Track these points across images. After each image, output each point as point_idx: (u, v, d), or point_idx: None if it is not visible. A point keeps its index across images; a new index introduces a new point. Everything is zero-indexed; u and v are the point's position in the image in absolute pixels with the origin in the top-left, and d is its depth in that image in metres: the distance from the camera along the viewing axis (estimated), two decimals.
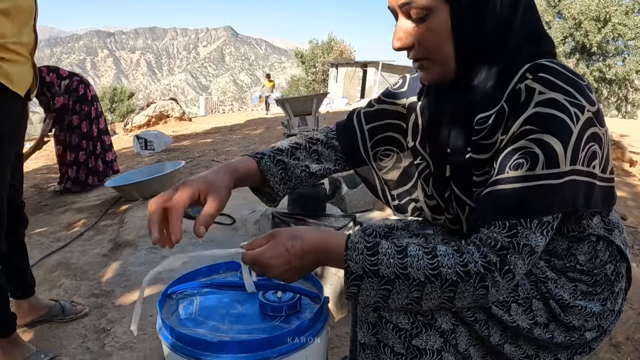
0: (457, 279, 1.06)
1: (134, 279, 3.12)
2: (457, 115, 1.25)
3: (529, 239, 1.05)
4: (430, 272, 1.06)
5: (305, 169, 1.47)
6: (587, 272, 1.23)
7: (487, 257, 1.06)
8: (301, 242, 1.13)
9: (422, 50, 1.18)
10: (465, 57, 1.16)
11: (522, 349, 1.22)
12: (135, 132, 12.68)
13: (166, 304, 1.35)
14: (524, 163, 1.05)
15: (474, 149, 1.20)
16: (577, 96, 1.04)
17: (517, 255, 1.05)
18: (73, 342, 2.50)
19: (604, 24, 27.65)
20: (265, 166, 1.40)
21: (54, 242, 4.21)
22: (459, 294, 1.07)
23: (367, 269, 1.08)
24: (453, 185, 1.29)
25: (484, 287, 1.06)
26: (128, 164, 8.45)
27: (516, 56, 1.14)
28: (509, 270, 1.06)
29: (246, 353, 1.10)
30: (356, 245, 1.11)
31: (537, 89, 1.06)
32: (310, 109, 8.82)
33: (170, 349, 1.16)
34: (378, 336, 1.21)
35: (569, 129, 1.03)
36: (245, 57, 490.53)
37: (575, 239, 1.23)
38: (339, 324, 2.52)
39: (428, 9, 1.11)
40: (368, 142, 1.53)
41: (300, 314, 1.27)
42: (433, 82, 1.25)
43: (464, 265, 1.06)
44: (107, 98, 36.60)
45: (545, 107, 1.04)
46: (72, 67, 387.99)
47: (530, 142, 1.05)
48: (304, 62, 45.25)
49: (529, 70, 1.10)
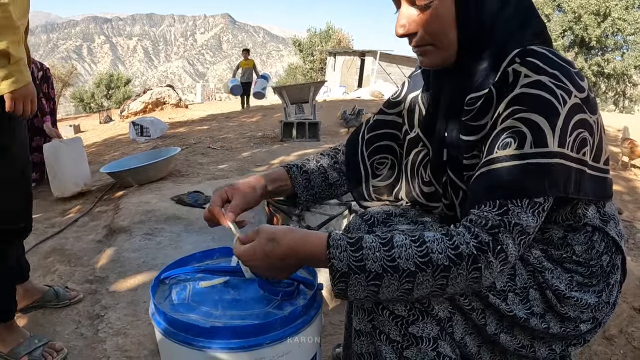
0: (449, 264, 1.03)
1: (129, 265, 3.11)
2: (453, 99, 1.27)
3: (520, 218, 1.04)
4: (420, 260, 1.04)
5: (325, 180, 1.58)
6: (583, 263, 1.24)
7: (478, 237, 1.04)
8: (278, 247, 1.13)
9: (426, 36, 1.19)
10: (467, 42, 1.18)
11: (517, 339, 1.22)
12: (132, 118, 12.67)
13: (159, 289, 1.34)
14: (511, 142, 1.06)
15: (463, 130, 1.21)
16: (563, 80, 1.06)
17: (507, 234, 1.04)
18: (67, 328, 2.49)
19: (603, 19, 27.60)
20: (293, 175, 1.54)
21: (48, 228, 4.19)
22: (452, 280, 1.05)
23: (353, 266, 1.06)
24: (448, 170, 1.29)
25: (476, 269, 1.04)
26: (124, 151, 8.42)
27: (507, 41, 1.16)
28: (501, 250, 1.04)
29: (239, 339, 1.09)
30: (338, 243, 1.09)
31: (522, 72, 1.08)
32: (307, 97, 8.80)
33: (162, 334, 1.16)
34: (374, 323, 1.21)
35: (555, 109, 1.04)
36: (242, 44, 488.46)
37: (571, 228, 1.24)
38: (333, 312, 2.51)
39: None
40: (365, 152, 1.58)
41: (294, 301, 1.26)
42: (434, 66, 1.26)
43: (455, 247, 1.04)
44: (104, 84, 36.46)
45: (531, 88, 1.05)
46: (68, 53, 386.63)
47: (516, 121, 1.06)
48: (301, 51, 45.12)
49: (518, 54, 1.11)
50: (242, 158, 6.76)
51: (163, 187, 5.03)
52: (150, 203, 4.33)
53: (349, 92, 26.28)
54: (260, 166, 6.13)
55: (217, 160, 6.66)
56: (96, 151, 8.98)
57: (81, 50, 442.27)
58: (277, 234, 1.14)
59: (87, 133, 13.18)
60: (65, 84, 38.26)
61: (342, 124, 10.14)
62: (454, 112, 1.26)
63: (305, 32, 47.15)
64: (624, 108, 29.54)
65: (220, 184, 4.76)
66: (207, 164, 6.42)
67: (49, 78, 5.74)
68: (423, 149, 1.43)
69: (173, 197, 4.41)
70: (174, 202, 4.29)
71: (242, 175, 5.57)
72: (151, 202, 4.37)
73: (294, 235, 1.14)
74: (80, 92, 37.30)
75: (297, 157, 6.31)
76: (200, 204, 4.18)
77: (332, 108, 13.03)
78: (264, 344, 1.11)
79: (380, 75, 29.82)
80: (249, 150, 7.36)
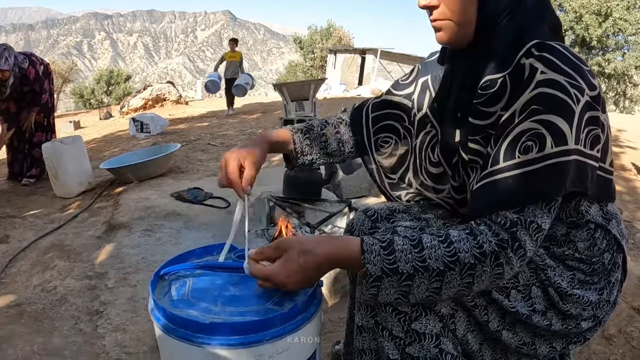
0: (475, 262, 1.07)
1: (128, 261, 3.12)
2: (467, 80, 1.28)
3: (536, 215, 1.08)
4: (449, 260, 1.07)
5: (324, 149, 1.60)
6: (585, 260, 1.24)
7: (499, 235, 1.08)
8: (314, 257, 1.13)
9: (446, 10, 1.21)
10: (485, 22, 1.19)
11: (519, 336, 1.22)
12: (132, 114, 12.66)
13: (158, 285, 1.34)
14: (532, 146, 1.07)
15: (474, 112, 1.23)
16: (577, 78, 1.07)
17: (525, 231, 1.08)
18: (66, 324, 2.49)
19: (604, 19, 27.52)
20: (297, 139, 1.56)
21: (48, 223, 4.20)
22: (477, 277, 1.08)
23: (386, 269, 1.09)
24: (461, 151, 1.29)
25: (499, 265, 1.08)
26: (124, 147, 8.42)
27: (525, 30, 1.17)
28: (519, 247, 1.08)
29: (238, 335, 1.09)
30: (372, 247, 1.11)
31: (539, 68, 1.09)
32: (307, 94, 8.79)
33: (162, 330, 1.15)
34: (377, 319, 1.22)
35: (571, 109, 1.06)
36: (243, 41, 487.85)
37: (574, 224, 1.25)
38: (332, 309, 2.51)
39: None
40: (371, 128, 1.59)
41: (294, 297, 1.26)
42: (449, 43, 1.27)
43: (479, 246, 1.07)
44: (104, 81, 36.38)
45: (547, 87, 1.06)
46: (68, 49, 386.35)
47: (535, 123, 1.07)
48: (302, 48, 45.00)
49: (535, 46, 1.12)
50: None
51: (163, 183, 5.03)
52: (150, 199, 4.33)
53: (350, 89, 26.28)
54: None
55: (217, 157, 6.65)
56: (96, 147, 8.98)
57: (81, 46, 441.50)
58: (310, 244, 1.15)
59: (87, 129, 13.17)
60: (66, 80, 38.21)
61: None
62: (466, 94, 1.28)
63: (306, 30, 47.04)
64: (624, 108, 29.47)
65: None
66: (207, 161, 6.42)
67: (50, 74, 5.74)
68: (432, 130, 1.44)
69: (173, 193, 4.42)
70: (174, 199, 4.29)
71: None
72: (151, 198, 4.38)
73: (326, 244, 1.15)
74: (80, 88, 37.22)
75: None
76: (200, 201, 4.18)
77: (332, 106, 13.03)
78: (264, 341, 1.10)
79: (380, 73, 29.82)
80: None
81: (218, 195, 4.30)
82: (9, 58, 5.09)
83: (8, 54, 5.09)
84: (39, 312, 2.61)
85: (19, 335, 2.38)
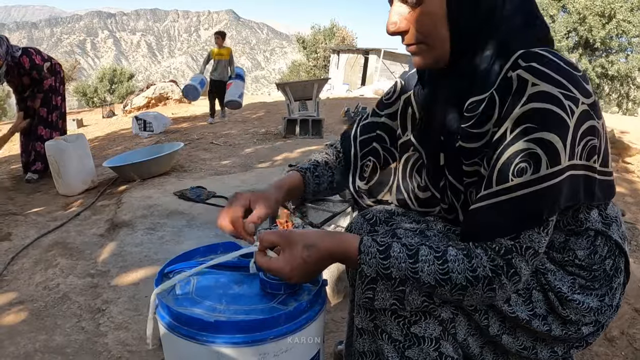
0: (467, 284, 1.08)
1: (130, 259, 3.12)
2: (450, 101, 1.24)
3: (533, 241, 1.06)
4: (441, 277, 1.08)
5: (331, 183, 1.60)
6: (585, 267, 1.22)
7: (494, 261, 1.07)
8: (317, 251, 1.15)
9: (417, 34, 1.17)
10: (460, 41, 1.15)
11: (519, 340, 1.22)
12: (135, 113, 12.67)
13: (162, 283, 1.34)
14: (527, 167, 1.03)
15: (463, 136, 1.18)
16: (571, 89, 1.02)
17: (520, 257, 1.07)
18: (68, 322, 2.49)
19: (608, 20, 27.45)
20: (307, 180, 1.53)
21: (50, 221, 4.20)
22: (468, 296, 1.10)
23: (381, 273, 1.11)
24: (447, 174, 1.27)
25: (491, 289, 1.08)
26: (126, 145, 8.42)
27: (508, 42, 1.12)
28: (515, 273, 1.07)
29: (243, 334, 1.09)
30: (369, 249, 1.13)
31: (529, 80, 1.03)
32: (310, 94, 8.80)
33: (166, 328, 1.15)
34: (376, 322, 1.22)
35: (565, 123, 1.00)
36: (246, 41, 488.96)
37: (572, 232, 1.22)
38: (335, 309, 2.51)
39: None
40: (358, 154, 1.56)
41: (298, 296, 1.26)
42: (427, 66, 1.23)
43: (473, 270, 1.07)
44: (107, 79, 36.50)
45: (540, 101, 1.01)
46: (72, 48, 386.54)
47: (530, 143, 1.02)
48: (305, 48, 45.04)
49: (521, 57, 1.08)
50: (245, 154, 6.76)
51: (166, 182, 5.04)
52: (153, 198, 4.34)
53: (352, 89, 26.26)
54: (263, 162, 6.13)
55: (220, 156, 6.66)
56: (99, 145, 8.98)
57: (85, 44, 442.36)
58: (313, 238, 1.16)
59: (89, 127, 13.18)
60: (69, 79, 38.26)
61: (345, 121, 10.16)
62: (451, 116, 1.24)
63: (309, 29, 47.09)
64: (627, 110, 29.42)
65: (225, 180, 4.73)
66: (210, 160, 6.42)
67: (58, 73, 5.79)
68: (414, 153, 1.40)
69: (176, 192, 4.42)
70: (177, 197, 4.30)
71: (245, 172, 5.57)
72: (153, 196, 4.38)
73: (331, 238, 1.18)
74: (83, 87, 37.35)
75: (300, 154, 6.32)
76: (203, 199, 4.18)
77: (335, 105, 13.03)
78: (268, 339, 1.10)
79: (383, 74, 29.82)
80: (252, 147, 7.37)
81: (221, 195, 4.30)
82: (1, 46, 5.13)
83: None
84: (41, 309, 2.61)
85: (20, 333, 2.38)
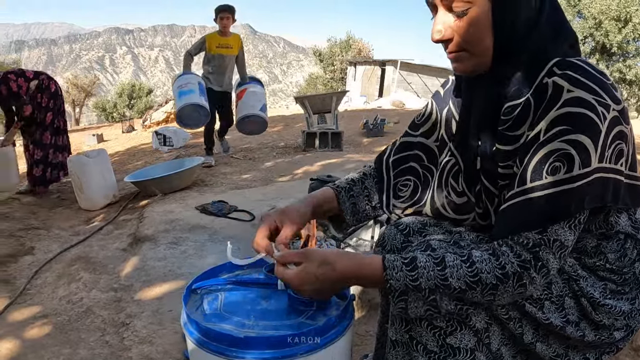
0: (497, 282, 1.09)
1: (154, 273, 3.12)
2: (487, 107, 1.27)
3: (559, 234, 1.08)
4: (471, 280, 1.10)
5: (369, 202, 1.56)
6: (616, 271, 1.24)
7: (521, 257, 1.09)
8: (331, 270, 1.16)
9: (461, 42, 1.19)
10: (503, 48, 1.18)
11: (552, 348, 1.22)
12: (154, 128, 12.78)
13: (190, 298, 1.34)
14: (561, 167, 1.06)
15: (500, 139, 1.22)
16: (603, 95, 1.07)
17: (548, 250, 1.09)
18: (92, 336, 2.50)
19: (624, 24, 27.30)
20: (342, 199, 1.52)
21: (73, 235, 4.24)
22: (499, 295, 1.11)
23: (410, 285, 1.12)
24: (483, 178, 1.29)
25: (521, 285, 1.10)
26: (147, 160, 8.49)
27: (543, 50, 1.16)
28: (542, 266, 1.09)
29: (272, 349, 1.09)
30: (394, 264, 1.13)
31: (565, 86, 1.07)
32: (329, 106, 8.80)
33: (195, 344, 1.15)
34: (411, 333, 1.21)
35: (597, 127, 1.05)
36: (263, 54, 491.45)
37: (604, 236, 1.24)
38: (359, 322, 2.50)
39: (471, 2, 1.13)
40: (391, 174, 1.57)
41: (326, 311, 1.26)
42: (466, 73, 1.26)
43: (502, 267, 1.09)
44: (126, 94, 36.89)
45: (575, 106, 1.05)
46: (91, 64, 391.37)
47: (564, 144, 1.06)
48: (322, 60, 45.18)
49: (556, 65, 1.12)
50: (266, 168, 6.77)
51: (187, 196, 5.06)
52: (175, 212, 4.35)
53: (370, 101, 26.27)
54: (283, 176, 6.13)
55: (240, 170, 6.68)
56: (119, 160, 9.06)
57: (103, 60, 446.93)
58: (330, 258, 1.17)
59: (109, 142, 13.30)
60: (88, 94, 38.77)
61: (364, 133, 10.13)
62: (487, 121, 1.26)
63: (326, 42, 47.27)
64: None
65: (246, 194, 4.74)
66: (231, 174, 6.44)
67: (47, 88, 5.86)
68: (451, 158, 1.42)
69: (197, 206, 4.43)
70: (198, 212, 4.31)
71: (265, 185, 5.58)
72: (175, 211, 4.40)
73: (348, 261, 1.18)
74: (102, 102, 37.81)
75: (321, 167, 6.31)
76: (225, 214, 4.19)
77: (353, 118, 13.01)
78: (298, 355, 1.10)
79: (400, 85, 29.84)
80: (271, 160, 7.37)
81: (242, 209, 4.31)
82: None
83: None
84: (65, 323, 2.63)
85: (45, 347, 2.40)
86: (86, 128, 21.47)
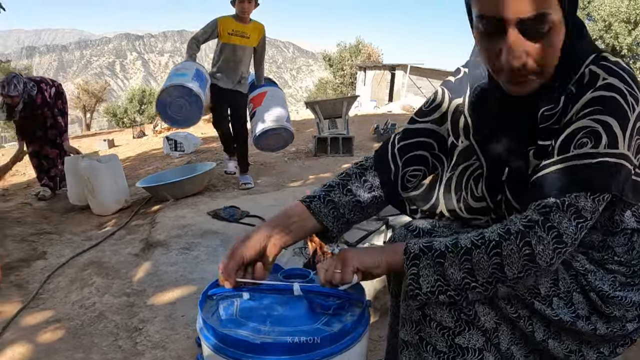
0: (500, 239, 1.10)
1: (166, 278, 3.13)
2: (523, 113, 1.24)
3: (578, 201, 1.07)
4: (475, 239, 1.13)
5: (357, 203, 1.45)
6: (624, 263, 1.25)
7: (527, 217, 1.11)
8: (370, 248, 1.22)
9: (535, 66, 1.14)
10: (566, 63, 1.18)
11: (565, 344, 1.23)
12: (165, 133, 12.79)
13: (206, 304, 1.34)
14: (588, 142, 1.08)
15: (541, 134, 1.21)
16: (634, 87, 1.11)
17: (560, 213, 1.08)
18: (105, 340, 2.50)
19: (634, 26, 27.29)
20: (316, 209, 1.40)
21: (85, 240, 4.25)
22: (506, 257, 1.09)
23: (423, 247, 1.18)
24: (507, 190, 1.27)
25: (527, 243, 1.08)
26: (158, 165, 8.51)
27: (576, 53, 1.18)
28: (552, 227, 1.07)
29: (289, 355, 1.09)
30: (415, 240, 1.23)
31: (600, 75, 1.12)
32: (340, 111, 8.81)
33: (211, 349, 1.15)
34: (421, 334, 1.23)
35: (627, 115, 1.08)
36: (272, 59, 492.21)
37: (610, 232, 1.25)
38: (372, 328, 2.48)
39: (554, 22, 1.10)
40: (399, 162, 1.49)
41: (342, 317, 1.25)
42: (526, 94, 1.20)
43: (503, 227, 1.13)
44: (136, 100, 37.11)
45: (609, 91, 1.09)
46: (101, 70, 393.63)
47: (593, 122, 1.08)
48: (331, 65, 45.29)
49: (592, 60, 1.15)
50: (277, 173, 6.78)
51: (199, 201, 5.06)
52: (187, 217, 4.36)
53: (380, 106, 26.26)
54: (295, 181, 6.14)
55: (251, 176, 6.67)
56: (131, 165, 9.08)
57: (114, 66, 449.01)
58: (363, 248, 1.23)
59: (120, 147, 13.34)
60: (99, 100, 38.98)
61: (375, 138, 10.14)
62: (523, 135, 1.25)
63: (335, 47, 47.35)
64: None
65: (258, 200, 4.73)
66: None
67: (62, 94, 6.07)
68: (475, 162, 1.37)
69: (209, 211, 4.44)
70: (210, 217, 4.31)
71: (277, 190, 5.57)
72: (187, 216, 4.40)
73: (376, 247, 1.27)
74: (113, 108, 38.07)
75: (332, 172, 6.30)
76: (237, 219, 4.19)
77: (364, 122, 12.99)
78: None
79: (410, 89, 29.83)
80: (283, 166, 7.38)
81: (254, 214, 4.31)
82: (17, 85, 5.41)
83: (17, 81, 5.42)
84: (78, 328, 2.63)
85: (57, 351, 2.40)
86: (97, 133, 21.59)
